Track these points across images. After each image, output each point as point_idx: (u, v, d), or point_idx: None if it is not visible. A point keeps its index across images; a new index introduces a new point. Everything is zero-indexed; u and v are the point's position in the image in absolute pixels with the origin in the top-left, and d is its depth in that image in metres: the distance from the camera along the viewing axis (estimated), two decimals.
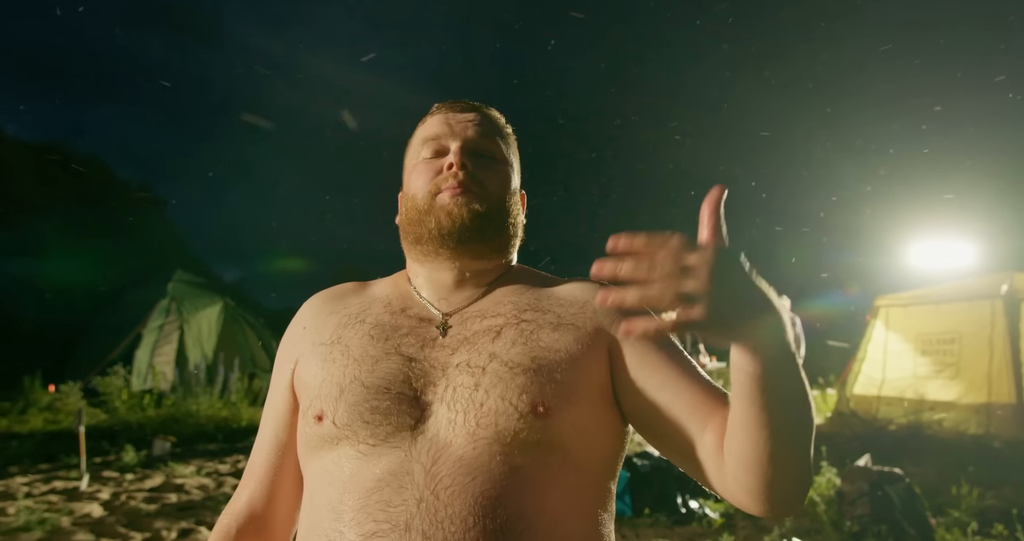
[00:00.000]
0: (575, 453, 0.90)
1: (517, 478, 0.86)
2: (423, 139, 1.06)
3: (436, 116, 1.08)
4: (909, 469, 4.99)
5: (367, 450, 0.89)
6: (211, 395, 9.40)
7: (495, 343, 0.94)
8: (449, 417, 0.89)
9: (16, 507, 4.77)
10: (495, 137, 1.07)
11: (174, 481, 5.86)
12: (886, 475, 4.35)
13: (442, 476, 0.85)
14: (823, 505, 4.47)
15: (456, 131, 1.04)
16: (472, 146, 1.04)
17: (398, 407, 0.90)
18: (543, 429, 0.87)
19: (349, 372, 0.95)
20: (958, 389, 7.85)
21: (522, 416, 0.87)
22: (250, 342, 12.14)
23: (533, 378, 0.90)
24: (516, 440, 0.87)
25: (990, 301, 7.83)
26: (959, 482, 4.85)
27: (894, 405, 8.36)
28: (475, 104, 1.09)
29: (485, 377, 0.90)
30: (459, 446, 0.87)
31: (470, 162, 1.02)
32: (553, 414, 0.88)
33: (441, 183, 1.01)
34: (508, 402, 0.88)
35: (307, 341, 1.05)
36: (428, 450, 0.87)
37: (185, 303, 11.53)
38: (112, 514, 4.83)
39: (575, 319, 0.98)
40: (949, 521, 4.34)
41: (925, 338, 8.50)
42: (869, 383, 9.00)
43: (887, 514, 4.16)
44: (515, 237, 1.08)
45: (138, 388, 10.01)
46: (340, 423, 0.91)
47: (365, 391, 0.92)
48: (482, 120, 1.07)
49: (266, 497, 1.06)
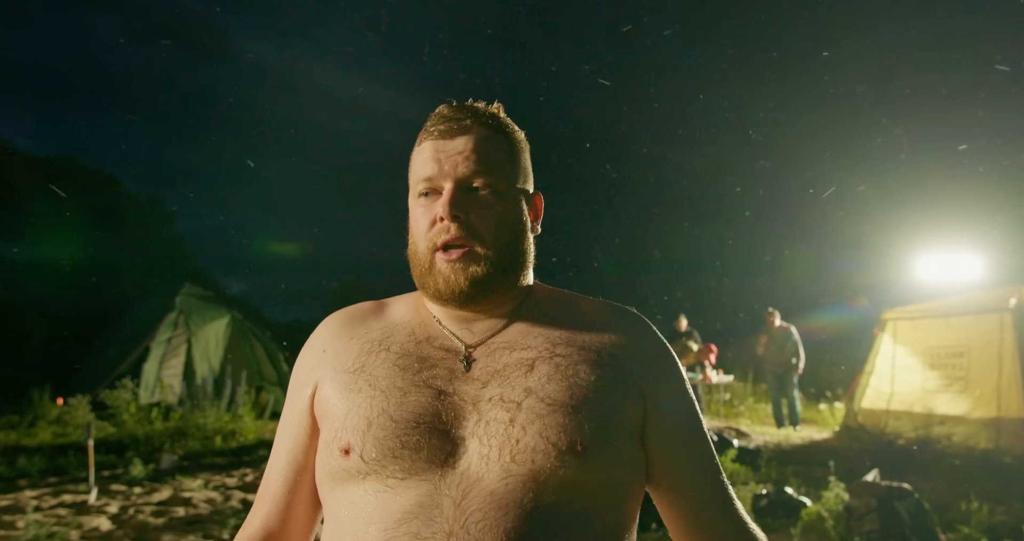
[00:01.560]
0: (607, 492, 0.91)
1: (549, 515, 0.86)
2: (416, 177, 1.00)
3: (427, 144, 1.01)
4: (918, 484, 4.96)
5: (395, 484, 0.89)
6: (218, 408, 9.40)
7: (528, 377, 0.93)
8: (482, 452, 0.88)
9: (25, 521, 4.79)
10: (492, 162, 0.99)
11: (182, 495, 5.87)
12: (895, 490, 4.33)
13: (473, 510, 0.85)
14: (831, 521, 4.45)
15: (446, 170, 0.97)
16: (466, 183, 0.97)
17: (428, 442, 0.89)
18: (579, 468, 0.87)
19: (377, 404, 0.93)
20: (967, 403, 7.81)
21: (560, 454, 0.87)
22: (257, 355, 12.16)
23: (572, 416, 0.89)
24: (552, 478, 0.86)
25: (999, 314, 7.81)
26: (969, 498, 4.82)
27: (903, 419, 8.32)
28: (467, 120, 1.00)
29: (521, 413, 0.89)
30: (491, 481, 0.86)
31: (465, 206, 0.96)
32: (590, 453, 0.88)
33: (436, 238, 0.97)
34: (547, 439, 0.87)
35: (328, 366, 1.02)
36: (458, 484, 0.87)
37: (193, 316, 11.57)
38: (120, 528, 4.85)
39: (613, 359, 0.97)
40: (959, 537, 4.31)
41: (933, 352, 8.47)
42: (877, 397, 8.96)
43: (896, 530, 4.14)
44: (527, 265, 1.05)
45: (146, 401, 10.04)
46: (368, 458, 0.90)
47: (394, 425, 0.90)
48: (476, 145, 0.98)
49: (281, 519, 1.04)
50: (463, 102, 1.05)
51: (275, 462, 1.07)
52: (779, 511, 4.91)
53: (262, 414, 10.53)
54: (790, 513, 4.86)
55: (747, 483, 6.16)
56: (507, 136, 1.02)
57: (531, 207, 1.06)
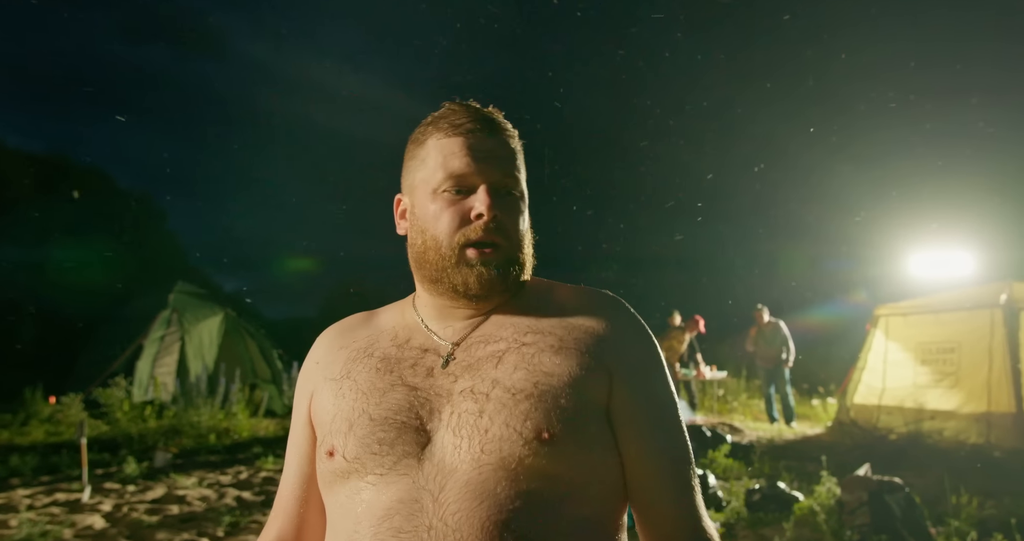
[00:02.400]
0: (580, 478, 0.92)
1: (523, 503, 0.87)
2: (447, 172, 0.99)
3: (456, 139, 1.00)
4: (909, 478, 5.00)
5: (376, 480, 0.91)
6: (212, 406, 9.39)
7: (497, 369, 0.95)
8: (454, 443, 0.90)
9: (18, 520, 4.78)
10: (515, 166, 1.02)
11: (176, 492, 5.87)
12: (886, 484, 4.36)
13: (449, 502, 0.86)
14: (823, 514, 4.48)
15: (482, 169, 0.98)
16: (499, 184, 1.00)
17: (402, 436, 0.91)
18: (548, 455, 0.88)
19: (358, 406, 0.96)
20: (958, 398, 7.86)
21: (527, 442, 0.88)
22: (251, 353, 12.14)
23: (536, 404, 0.90)
24: (521, 466, 0.88)
25: (989, 310, 7.85)
26: (959, 491, 4.86)
27: (894, 414, 8.37)
28: (494, 122, 1.02)
29: (489, 403, 0.91)
30: (465, 471, 0.88)
31: (500, 208, 0.98)
32: (558, 440, 0.89)
33: (470, 234, 0.98)
34: (512, 429, 0.89)
35: (319, 376, 1.07)
36: (435, 476, 0.89)
37: (186, 314, 11.54)
38: (114, 526, 4.84)
39: (577, 342, 0.98)
40: (949, 530, 4.35)
41: (925, 347, 8.52)
42: (869, 392, 9.01)
43: (887, 523, 4.17)
44: (529, 268, 1.06)
45: (139, 399, 10.02)
46: (349, 457, 0.93)
47: (371, 424, 0.93)
48: (504, 148, 1.01)
49: (295, 529, 1.07)
50: (463, 99, 1.05)
51: (286, 474, 1.11)
52: (771, 505, 4.94)
53: (256, 412, 10.52)
54: (782, 507, 4.89)
55: (740, 478, 6.19)
56: (517, 142, 1.05)
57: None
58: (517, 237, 1.01)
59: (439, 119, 1.02)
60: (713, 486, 5.26)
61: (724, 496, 5.36)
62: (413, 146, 1.05)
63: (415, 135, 1.06)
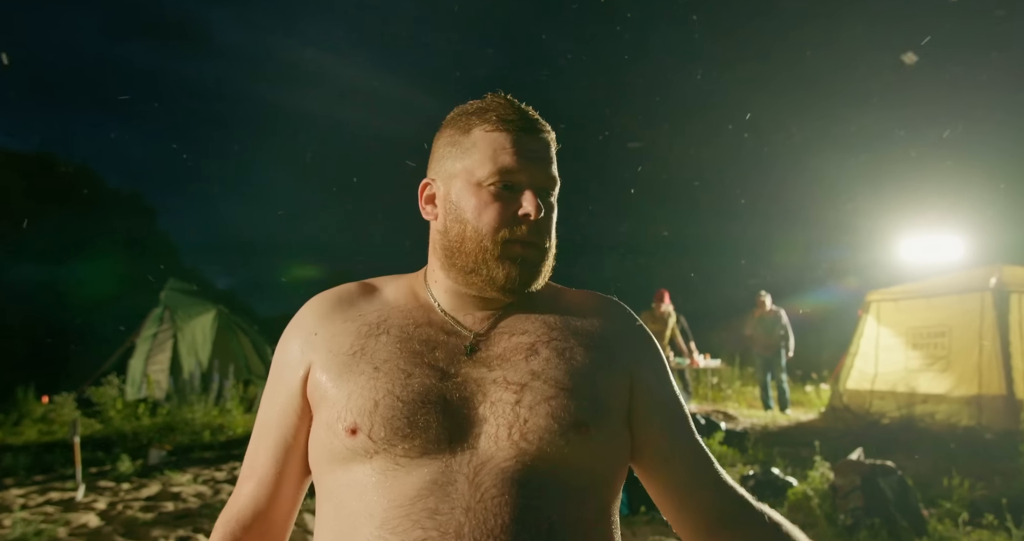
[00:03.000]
0: (604, 468, 0.97)
1: (557, 490, 0.91)
2: (496, 167, 0.99)
3: (507, 135, 1.00)
4: (902, 462, 5.03)
5: (406, 462, 0.91)
6: (206, 403, 9.37)
7: (531, 361, 0.98)
8: (489, 432, 0.92)
9: (12, 519, 4.76)
10: (554, 169, 1.04)
11: (170, 489, 5.85)
12: (879, 468, 4.39)
13: (487, 486, 0.88)
14: (817, 499, 4.51)
15: (531, 170, 1.00)
16: (545, 187, 1.03)
17: (436, 420, 0.92)
18: (582, 446, 0.93)
19: (381, 386, 0.94)
20: (949, 382, 7.91)
21: (565, 433, 0.92)
22: (244, 349, 12.12)
23: (575, 397, 0.95)
24: (560, 455, 0.91)
25: (980, 294, 7.90)
26: (951, 474, 4.90)
27: (886, 399, 8.42)
28: (539, 122, 1.03)
29: (527, 394, 0.94)
30: (501, 459, 0.90)
31: (545, 210, 1.01)
32: (592, 432, 0.94)
33: (516, 232, 0.99)
34: (554, 419, 0.92)
35: (322, 349, 1.02)
36: (470, 461, 0.90)
37: (178, 311, 11.50)
38: (109, 524, 4.83)
39: (604, 342, 1.05)
40: (941, 512, 4.38)
41: (916, 332, 8.57)
42: (861, 378, 9.06)
43: (880, 507, 4.20)
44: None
45: (133, 397, 9.98)
46: (376, 437, 0.91)
47: (401, 405, 0.93)
48: (548, 150, 1.03)
49: (269, 497, 1.05)
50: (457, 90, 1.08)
51: (263, 443, 1.06)
52: (766, 491, 4.96)
53: (250, 408, 10.49)
54: (776, 493, 4.92)
55: (735, 465, 6.22)
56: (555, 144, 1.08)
57: None
58: (552, 239, 1.05)
59: (486, 110, 1.02)
60: None
61: None
62: (455, 133, 1.03)
63: (456, 121, 1.04)
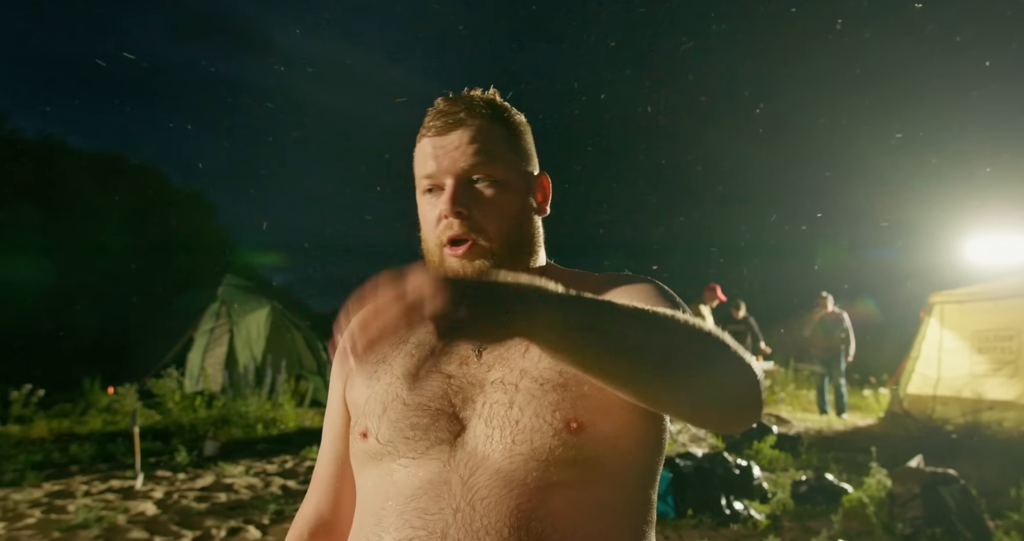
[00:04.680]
0: (611, 467, 0.91)
1: (553, 492, 0.88)
2: (421, 175, 1.01)
3: (425, 142, 1.01)
4: (966, 470, 4.82)
5: (408, 463, 0.93)
6: (259, 397, 9.58)
7: (524, 358, 0.95)
8: (486, 433, 0.91)
9: (75, 505, 4.95)
10: (489, 152, 0.99)
11: (224, 481, 6.00)
12: (939, 476, 4.21)
13: (479, 487, 0.88)
14: (873, 507, 4.35)
15: (445, 166, 0.98)
16: (465, 177, 0.98)
17: (436, 423, 0.93)
18: (578, 445, 0.89)
19: (392, 390, 0.98)
20: (1018, 388, 7.55)
21: (556, 433, 0.89)
22: (297, 344, 12.35)
23: (563, 394, 0.91)
24: (552, 456, 0.88)
25: None
26: (1020, 484, 4.67)
27: (950, 405, 8.09)
28: (460, 113, 1.00)
29: (519, 395, 0.92)
30: (496, 460, 0.89)
31: (467, 202, 0.97)
32: (587, 430, 0.89)
33: (443, 235, 0.98)
34: (542, 419, 0.89)
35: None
36: (466, 462, 0.90)
37: (235, 306, 11.79)
38: (165, 512, 4.98)
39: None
40: (1008, 524, 4.18)
41: (981, 335, 8.20)
42: (923, 382, 8.72)
43: (941, 516, 4.03)
44: (535, 249, 1.06)
45: (190, 390, 10.28)
46: (383, 439, 0.95)
47: (405, 408, 0.95)
48: (472, 138, 0.99)
49: (332, 502, 1.12)
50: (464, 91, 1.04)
51: (323, 451, 1.14)
52: (819, 497, 4.81)
53: (301, 402, 10.70)
54: (830, 499, 4.76)
55: (787, 469, 6.06)
56: (504, 122, 1.02)
57: (538, 188, 1.07)
58: (495, 225, 0.98)
59: (425, 119, 1.03)
60: (758, 477, 5.15)
61: (769, 488, 5.25)
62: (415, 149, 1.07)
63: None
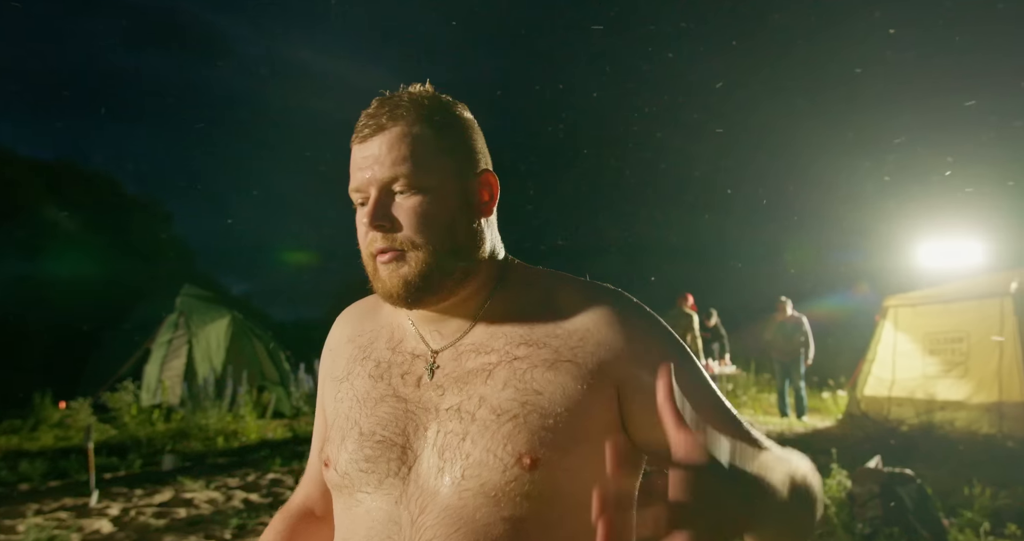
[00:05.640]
0: (573, 500, 0.86)
1: (505, 530, 0.84)
2: (351, 187, 0.95)
3: (354, 149, 0.94)
4: (921, 470, 4.94)
5: (364, 498, 0.90)
6: (220, 409, 9.40)
7: (486, 385, 0.89)
8: (438, 465, 0.87)
9: (26, 525, 4.78)
10: (410, 159, 0.90)
11: (183, 496, 5.87)
12: (897, 476, 4.31)
13: (427, 527, 0.84)
14: (834, 507, 4.43)
15: (367, 178, 0.91)
16: (387, 187, 0.91)
17: (386, 454, 0.90)
18: (532, 482, 0.83)
19: (352, 416, 0.95)
20: (967, 388, 7.79)
21: (507, 469, 0.83)
22: (259, 355, 12.15)
23: (521, 427, 0.85)
24: (502, 493, 0.84)
25: (999, 299, 7.77)
26: (972, 482, 4.80)
27: (904, 406, 8.30)
28: (382, 119, 0.92)
29: (473, 425, 0.87)
30: (445, 496, 0.85)
31: (388, 211, 0.90)
32: (542, 465, 0.84)
33: (369, 246, 0.93)
34: (493, 454, 0.84)
35: (329, 367, 1.07)
36: (417, 498, 0.87)
37: (193, 317, 11.56)
38: (122, 530, 4.84)
39: (575, 354, 0.89)
40: (962, 522, 4.29)
41: (933, 337, 8.44)
42: (879, 384, 8.94)
43: (899, 516, 4.12)
44: (475, 253, 0.95)
45: (147, 403, 10.04)
46: (340, 471, 0.92)
47: (361, 438, 0.92)
48: (391, 145, 0.90)
49: (321, 493, 1.12)
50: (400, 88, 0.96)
51: (313, 447, 1.15)
52: None
53: (264, 414, 10.53)
54: None
55: None
56: (431, 124, 0.92)
57: (482, 188, 0.97)
58: (421, 235, 0.90)
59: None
60: None
61: None
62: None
63: None
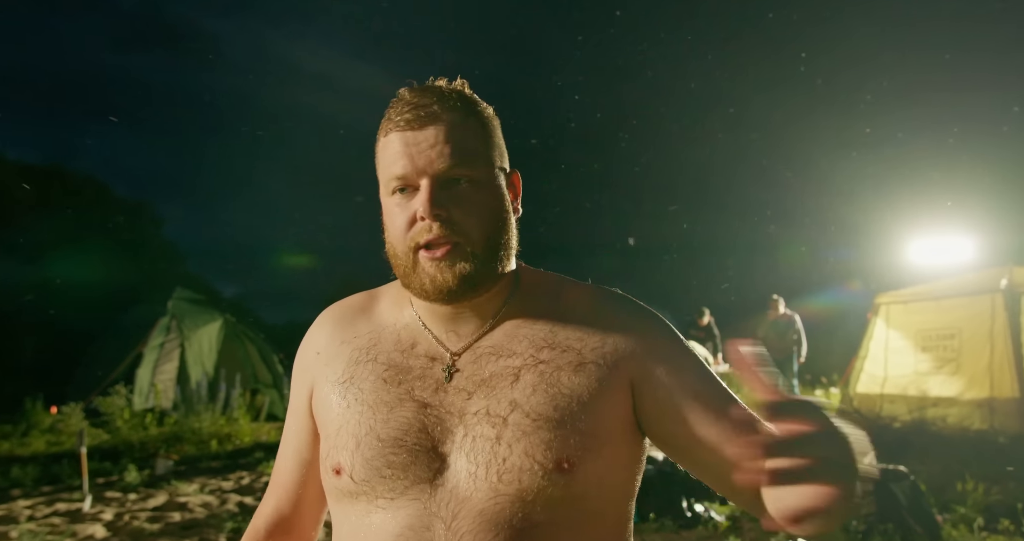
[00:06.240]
0: (596, 503, 0.89)
1: (538, 533, 0.85)
2: (390, 174, 0.91)
3: (394, 136, 0.91)
4: (914, 466, 4.97)
5: (386, 504, 0.88)
6: (213, 412, 9.36)
7: (514, 389, 0.89)
8: (469, 470, 0.86)
9: (18, 531, 4.75)
10: (467, 150, 0.90)
11: (177, 500, 5.84)
12: (891, 473, 4.33)
13: (463, 531, 0.84)
14: None
15: (420, 165, 0.89)
16: (443, 177, 0.89)
17: (415, 460, 0.88)
18: (566, 485, 0.86)
19: (365, 422, 0.92)
20: (959, 385, 7.83)
21: (547, 473, 0.85)
22: (251, 358, 12.09)
23: (557, 431, 0.86)
24: (540, 497, 0.85)
25: (990, 295, 7.82)
26: (964, 478, 4.83)
27: (897, 402, 8.34)
28: (433, 106, 0.90)
29: (507, 429, 0.87)
30: (479, 500, 0.85)
31: (445, 201, 0.89)
32: (577, 469, 0.86)
33: (418, 238, 0.89)
34: (533, 459, 0.85)
35: (321, 370, 1.02)
36: (448, 503, 0.86)
37: (185, 320, 11.49)
38: (115, 535, 4.81)
39: (595, 355, 0.92)
40: (955, 517, 4.32)
41: (925, 334, 8.49)
42: (871, 381, 8.98)
43: (893, 512, 4.14)
44: (512, 252, 0.98)
45: (140, 407, 9.98)
46: (358, 479, 0.89)
47: (380, 444, 0.89)
48: (448, 134, 0.89)
49: (292, 503, 1.09)
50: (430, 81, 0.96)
51: (283, 454, 1.10)
52: None
53: (257, 416, 10.49)
54: None
55: None
56: (478, 116, 0.93)
57: (510, 187, 0.98)
58: (478, 228, 0.90)
59: (388, 111, 0.94)
60: None
61: None
62: (377, 142, 0.97)
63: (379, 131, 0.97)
